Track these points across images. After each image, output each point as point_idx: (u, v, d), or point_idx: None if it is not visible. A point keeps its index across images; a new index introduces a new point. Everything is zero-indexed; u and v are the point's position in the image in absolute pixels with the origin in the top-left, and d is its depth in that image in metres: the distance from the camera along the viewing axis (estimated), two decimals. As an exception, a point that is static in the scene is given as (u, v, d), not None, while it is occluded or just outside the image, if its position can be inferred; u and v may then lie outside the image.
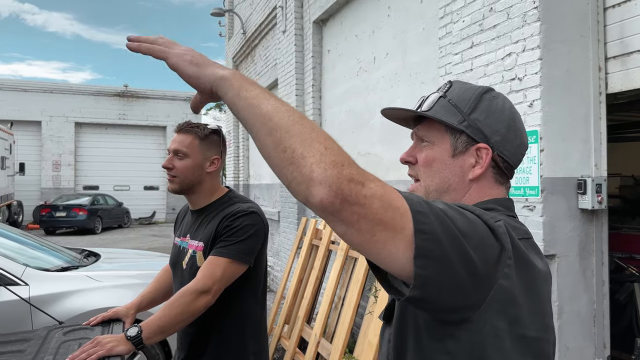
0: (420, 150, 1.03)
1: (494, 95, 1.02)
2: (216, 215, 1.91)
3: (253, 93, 0.83)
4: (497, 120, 0.99)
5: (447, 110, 0.99)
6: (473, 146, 0.97)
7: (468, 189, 0.99)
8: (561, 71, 2.96)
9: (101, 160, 22.10)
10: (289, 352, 4.52)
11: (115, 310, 2.04)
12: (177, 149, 1.93)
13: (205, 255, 1.86)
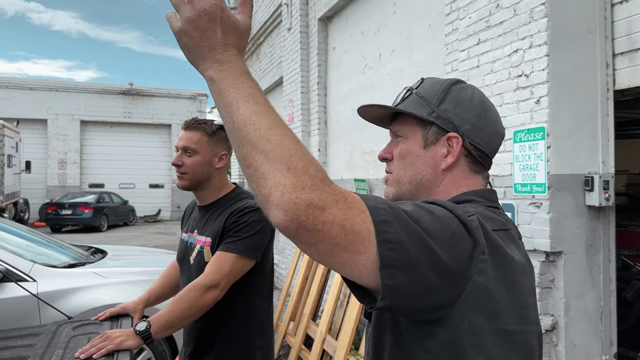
0: (396, 145, 1.04)
1: (463, 87, 1.03)
2: (224, 211, 1.92)
3: (229, 99, 0.78)
4: (466, 109, 0.99)
5: (416, 104, 1.00)
6: (444, 136, 0.98)
7: (442, 179, 0.99)
8: (568, 68, 2.95)
9: (107, 158, 22.18)
10: (294, 349, 4.53)
11: (124, 306, 2.05)
12: (186, 145, 1.94)
13: (213, 250, 1.87)
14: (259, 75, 9.54)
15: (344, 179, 6.01)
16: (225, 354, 1.91)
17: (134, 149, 22.51)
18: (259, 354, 1.96)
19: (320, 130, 6.52)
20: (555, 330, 2.94)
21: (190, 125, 1.97)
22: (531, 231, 2.98)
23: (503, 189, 3.22)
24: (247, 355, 1.93)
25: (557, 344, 2.94)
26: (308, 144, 6.77)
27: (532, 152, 2.98)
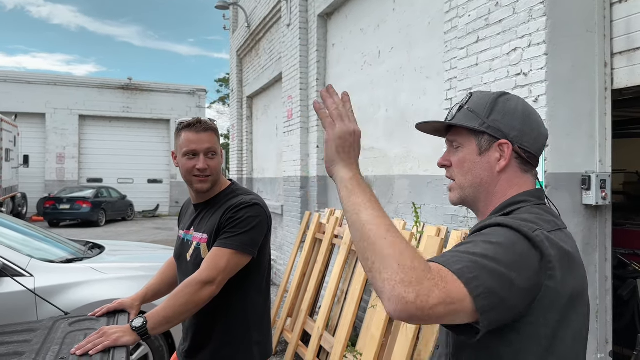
0: (453, 154, 1.20)
1: (508, 98, 1.17)
2: (220, 208, 1.93)
3: (359, 200, 1.00)
4: (512, 118, 1.14)
5: (468, 117, 1.16)
6: (495, 143, 1.13)
7: (498, 180, 1.14)
8: (567, 66, 2.95)
9: (105, 153, 22.15)
10: (291, 345, 4.54)
11: (121, 302, 2.06)
12: (209, 148, 1.93)
13: (209, 247, 1.87)
14: (258, 71, 9.53)
15: (342, 176, 6.01)
16: (222, 349, 1.92)
17: (132, 144, 22.47)
18: (256, 349, 1.97)
19: (319, 127, 6.51)
20: (551, 329, 2.95)
21: (203, 127, 1.94)
22: (528, 230, 2.99)
23: (500, 187, 3.22)
24: (244, 351, 1.94)
25: (552, 342, 2.96)
26: (307, 140, 6.77)
27: (529, 151, 2.98)
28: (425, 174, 4.39)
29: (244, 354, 1.94)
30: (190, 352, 1.98)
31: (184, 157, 1.92)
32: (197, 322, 1.95)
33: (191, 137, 1.92)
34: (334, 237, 4.78)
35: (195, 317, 1.92)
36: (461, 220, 3.56)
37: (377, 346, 3.30)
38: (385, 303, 0.88)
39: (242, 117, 10.69)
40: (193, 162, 1.91)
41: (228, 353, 1.92)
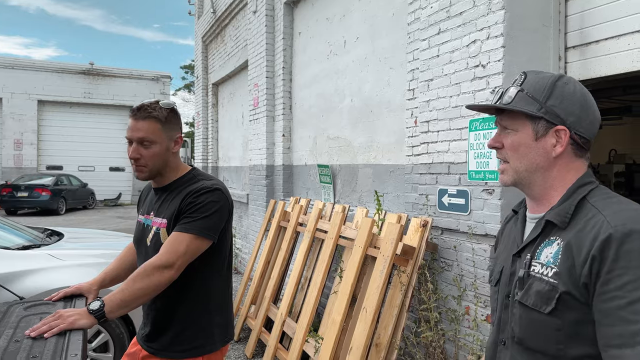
0: (505, 136, 1.20)
1: (565, 82, 1.16)
2: (180, 193, 1.92)
3: None
4: (570, 103, 1.13)
5: (525, 101, 1.14)
6: (552, 129, 1.13)
7: (555, 165, 1.15)
8: (523, 59, 3.05)
9: (65, 139, 21.50)
10: (254, 332, 4.57)
11: (78, 286, 2.04)
12: (142, 137, 1.87)
13: (169, 232, 1.87)
14: (224, 58, 9.42)
15: (308, 165, 6.05)
16: (183, 332, 1.93)
17: (94, 131, 21.88)
18: (217, 332, 1.98)
19: (284, 116, 6.52)
20: (504, 312, 3.07)
21: (141, 114, 1.88)
22: (483, 217, 3.10)
23: (458, 175, 3.32)
24: (205, 334, 1.95)
25: (505, 325, 3.08)
26: (273, 129, 6.76)
27: (486, 141, 3.08)
28: (388, 163, 4.46)
29: (206, 338, 1.95)
30: (150, 336, 1.98)
31: (127, 143, 1.93)
32: (158, 306, 1.95)
33: (130, 124, 1.90)
34: (299, 225, 4.81)
35: (155, 301, 1.93)
36: (421, 207, 3.65)
37: (337, 330, 3.36)
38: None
39: (208, 105, 10.57)
40: (129, 149, 1.90)
41: (189, 336, 1.93)
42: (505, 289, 1.22)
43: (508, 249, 1.27)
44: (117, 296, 1.73)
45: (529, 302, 1.10)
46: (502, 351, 1.21)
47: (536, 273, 1.10)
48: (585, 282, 1.01)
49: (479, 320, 3.11)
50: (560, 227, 1.10)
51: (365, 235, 3.46)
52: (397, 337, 3.21)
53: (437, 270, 3.45)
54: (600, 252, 0.99)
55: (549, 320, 1.06)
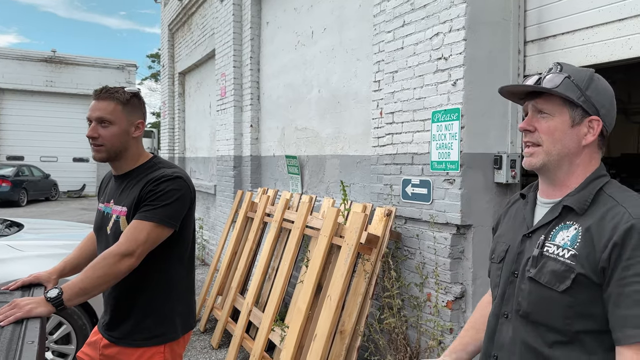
0: (538, 120, 1.24)
1: (599, 77, 1.25)
2: (140, 180, 1.91)
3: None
4: (603, 97, 1.22)
5: (569, 88, 1.20)
6: (587, 118, 1.21)
7: (582, 153, 1.23)
8: (484, 52, 3.13)
9: (27, 129, 20.83)
10: (221, 322, 4.57)
11: (37, 275, 2.01)
12: (100, 116, 1.87)
13: (129, 220, 1.86)
14: (191, 47, 9.28)
15: (276, 155, 6.05)
16: (144, 320, 1.92)
17: (57, 120, 21.25)
18: (179, 320, 1.99)
19: (252, 106, 6.49)
20: (464, 298, 3.17)
21: (102, 95, 1.89)
22: (445, 206, 3.18)
23: (421, 166, 3.39)
24: (167, 322, 1.95)
25: (465, 311, 3.18)
26: (240, 119, 6.73)
27: (447, 132, 3.15)
28: (355, 153, 4.51)
29: (167, 326, 1.96)
30: (111, 325, 1.97)
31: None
32: (118, 294, 1.94)
33: (90, 104, 1.91)
34: (266, 215, 4.82)
35: (116, 290, 1.92)
36: (385, 197, 3.71)
37: (303, 318, 3.40)
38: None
39: (174, 94, 10.41)
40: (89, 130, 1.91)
41: (150, 324, 1.93)
42: (512, 267, 1.31)
43: (515, 229, 1.35)
44: (76, 284, 1.72)
45: (543, 279, 1.19)
46: (504, 323, 1.31)
47: (550, 253, 1.19)
48: (604, 266, 1.10)
49: (439, 306, 3.19)
50: (578, 213, 1.19)
51: (330, 225, 3.50)
52: (361, 324, 3.27)
53: (401, 258, 3.52)
54: (622, 240, 1.08)
55: (561, 298, 1.15)
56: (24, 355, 1.35)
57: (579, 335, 1.15)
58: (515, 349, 1.25)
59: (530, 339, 1.22)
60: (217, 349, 4.47)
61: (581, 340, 1.15)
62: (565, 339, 1.17)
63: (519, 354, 1.24)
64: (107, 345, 1.96)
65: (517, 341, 1.25)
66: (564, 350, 1.17)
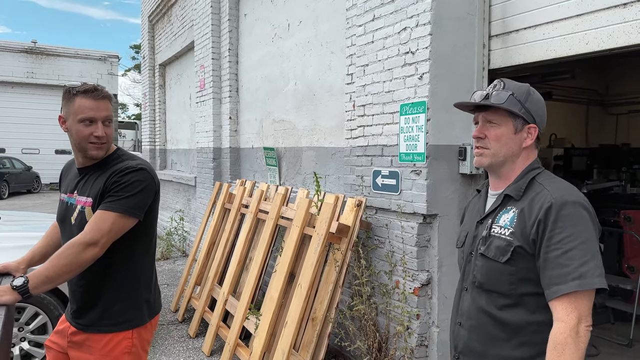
0: (487, 129, 1.51)
1: (533, 91, 1.53)
2: (104, 172, 1.96)
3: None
4: (538, 108, 1.51)
5: (512, 103, 1.47)
6: (526, 126, 1.49)
7: (521, 153, 1.51)
8: (449, 46, 3.21)
9: (7, 121, 20.52)
10: (198, 311, 4.64)
11: (5, 265, 2.06)
12: (108, 116, 1.96)
13: (94, 210, 1.91)
14: (170, 39, 9.25)
15: (255, 147, 6.10)
16: (111, 307, 1.97)
17: (38, 112, 20.95)
18: (146, 307, 2.05)
19: (231, 98, 6.52)
20: (430, 285, 3.28)
21: (100, 94, 1.94)
22: (412, 196, 3.27)
23: (390, 158, 3.47)
24: (134, 308, 2.01)
25: (431, 297, 3.29)
26: (219, 111, 6.76)
27: (414, 124, 3.24)
28: (330, 145, 4.59)
29: (134, 311, 2.01)
30: (78, 313, 2.01)
31: (79, 123, 1.91)
32: (85, 283, 1.98)
33: (89, 104, 1.91)
34: (242, 207, 4.88)
35: (84, 278, 1.97)
36: (357, 188, 3.80)
37: (275, 306, 3.48)
38: None
39: (155, 86, 10.37)
40: (90, 129, 1.92)
41: (118, 311, 1.98)
42: (469, 248, 1.58)
43: (473, 218, 1.63)
44: (41, 272, 1.77)
45: (490, 254, 1.46)
46: (464, 295, 1.58)
47: (495, 233, 1.47)
48: (534, 238, 1.38)
49: (407, 293, 3.30)
50: (515, 199, 1.47)
51: (302, 215, 3.58)
52: (332, 311, 3.36)
53: (371, 247, 3.61)
54: (544, 216, 1.36)
55: (504, 268, 1.43)
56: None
57: (522, 298, 1.41)
58: (473, 314, 1.52)
59: (484, 305, 1.49)
60: (195, 338, 4.54)
61: (525, 302, 1.41)
62: (511, 302, 1.43)
63: (476, 318, 1.51)
64: (75, 332, 2.00)
65: (474, 307, 1.52)
66: (511, 311, 1.43)
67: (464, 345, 1.56)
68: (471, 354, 1.53)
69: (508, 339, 1.43)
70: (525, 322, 1.41)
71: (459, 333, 1.58)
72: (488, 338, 1.48)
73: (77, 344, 2.00)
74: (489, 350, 1.47)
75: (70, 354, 2.01)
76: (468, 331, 1.54)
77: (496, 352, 1.46)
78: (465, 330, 1.55)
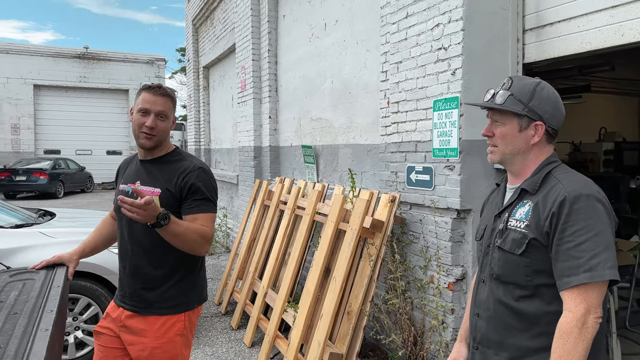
0: (495, 127, 1.56)
1: (542, 87, 1.53)
2: (170, 167, 2.14)
3: None
4: (546, 104, 1.51)
5: (513, 102, 1.50)
6: (532, 123, 1.51)
7: (532, 150, 1.53)
8: (482, 42, 3.21)
9: (62, 124, 21.60)
10: (240, 304, 4.81)
11: (60, 256, 2.25)
12: (161, 111, 2.12)
13: (162, 200, 2.04)
14: (213, 41, 9.52)
15: (293, 145, 6.23)
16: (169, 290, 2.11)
17: (90, 115, 21.96)
18: (196, 292, 2.22)
19: (271, 98, 6.68)
20: (465, 280, 3.29)
21: (163, 92, 2.14)
22: (445, 191, 3.29)
23: (424, 153, 3.51)
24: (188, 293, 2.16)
25: (466, 292, 3.30)
26: (260, 111, 6.93)
27: (447, 120, 3.26)
28: (366, 142, 4.65)
29: (188, 296, 2.16)
30: (137, 296, 2.11)
31: (138, 112, 2.12)
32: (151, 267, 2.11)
33: (147, 97, 2.12)
34: (281, 203, 5.01)
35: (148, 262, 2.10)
36: (391, 184, 3.85)
37: (311, 299, 3.58)
38: None
39: (199, 88, 10.70)
40: (144, 119, 2.10)
41: (174, 294, 2.11)
42: (487, 241, 1.62)
43: (491, 212, 1.67)
44: (180, 225, 1.94)
45: (506, 247, 1.50)
46: (482, 287, 1.62)
47: (512, 226, 1.50)
48: (547, 231, 1.41)
49: (441, 287, 3.33)
50: (531, 193, 1.49)
51: (337, 211, 3.67)
52: (367, 305, 3.43)
53: (405, 242, 3.66)
54: (558, 209, 1.39)
55: (520, 260, 1.46)
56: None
57: (538, 289, 1.45)
58: (490, 305, 1.57)
59: (502, 296, 1.53)
60: (237, 330, 4.71)
61: (541, 293, 1.45)
62: (528, 293, 1.47)
63: (494, 309, 1.55)
64: (131, 315, 2.12)
65: (492, 299, 1.56)
66: (528, 302, 1.47)
67: (482, 336, 1.60)
68: (489, 344, 1.57)
69: (525, 329, 1.47)
70: (542, 313, 1.44)
71: (477, 324, 1.62)
72: (505, 328, 1.51)
73: (131, 327, 2.12)
74: (506, 340, 1.51)
75: (123, 337, 2.13)
76: (486, 322, 1.58)
77: (513, 342, 1.49)
78: (484, 321, 1.59)
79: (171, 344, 2.09)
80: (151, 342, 2.07)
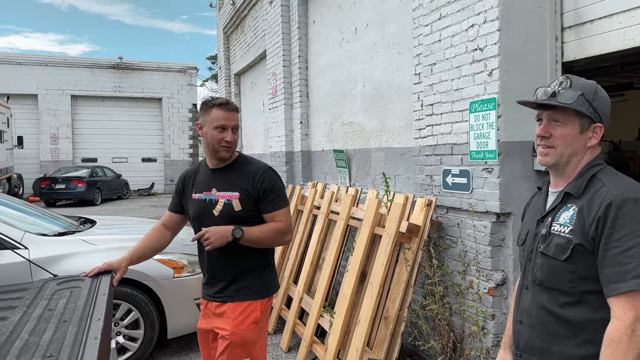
0: (553, 127, 1.49)
1: (600, 88, 1.50)
2: (241, 170, 2.37)
3: None
4: (605, 106, 1.49)
5: (581, 103, 1.45)
6: (592, 125, 1.47)
7: (586, 152, 1.49)
8: (519, 41, 3.15)
9: (99, 132, 22.22)
10: (275, 309, 4.82)
11: (109, 263, 2.33)
12: (235, 125, 2.37)
13: (242, 201, 2.31)
14: (244, 49, 9.63)
15: (325, 150, 6.23)
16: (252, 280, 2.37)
17: (125, 123, 22.53)
18: (269, 282, 2.45)
19: (302, 103, 6.70)
20: (506, 285, 3.22)
21: (232, 107, 2.35)
22: (484, 194, 3.23)
23: (460, 156, 3.45)
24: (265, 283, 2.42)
25: (507, 297, 3.23)
26: (291, 116, 6.96)
27: (485, 122, 3.20)
28: (399, 146, 4.61)
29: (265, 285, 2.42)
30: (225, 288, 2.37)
31: (214, 129, 2.31)
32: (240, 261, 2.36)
33: (222, 114, 2.32)
34: (314, 208, 5.02)
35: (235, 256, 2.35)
36: (427, 188, 3.80)
37: (348, 304, 3.57)
38: None
39: (231, 95, 10.83)
40: (222, 134, 2.31)
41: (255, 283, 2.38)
42: (530, 247, 1.57)
43: (533, 216, 1.62)
44: (253, 232, 2.27)
45: (550, 252, 1.45)
46: (525, 293, 1.58)
47: (555, 231, 1.46)
48: (593, 236, 1.37)
49: (481, 293, 3.26)
50: (575, 196, 1.45)
51: (372, 216, 3.64)
52: (404, 310, 3.39)
53: (443, 247, 3.60)
54: (604, 213, 1.35)
55: (564, 266, 1.42)
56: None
57: (584, 296, 1.40)
58: (534, 312, 1.52)
59: (545, 303, 1.49)
60: (273, 334, 4.72)
61: (587, 300, 1.40)
62: (573, 300, 1.42)
63: (537, 315, 1.51)
64: (219, 305, 2.38)
65: (535, 305, 1.52)
66: (573, 309, 1.43)
67: (525, 343, 1.56)
68: (533, 351, 1.53)
69: (571, 336, 1.43)
70: (588, 320, 1.40)
71: (520, 331, 1.59)
72: (550, 336, 1.48)
73: (219, 315, 2.38)
74: (551, 348, 1.47)
75: (215, 325, 2.38)
76: (529, 329, 1.54)
77: (559, 350, 1.45)
78: (527, 328, 1.55)
79: (248, 331, 2.32)
80: (231, 328, 2.31)
